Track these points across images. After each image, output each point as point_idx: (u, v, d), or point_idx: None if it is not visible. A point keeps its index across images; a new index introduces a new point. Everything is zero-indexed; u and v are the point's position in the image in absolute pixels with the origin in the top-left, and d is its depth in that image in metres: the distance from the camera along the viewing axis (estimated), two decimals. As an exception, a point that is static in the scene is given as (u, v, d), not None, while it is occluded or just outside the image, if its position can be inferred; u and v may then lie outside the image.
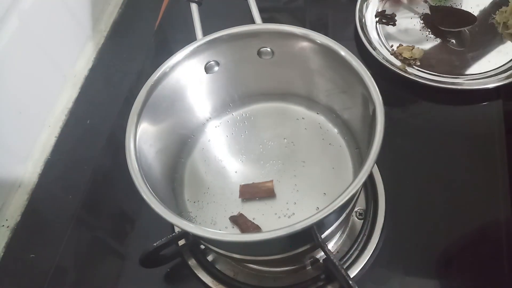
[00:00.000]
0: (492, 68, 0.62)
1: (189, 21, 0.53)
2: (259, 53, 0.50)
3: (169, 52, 0.47)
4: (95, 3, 0.76)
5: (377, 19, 0.70)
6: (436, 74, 0.62)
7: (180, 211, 0.48)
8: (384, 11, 0.71)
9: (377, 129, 0.38)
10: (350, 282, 0.40)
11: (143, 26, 0.79)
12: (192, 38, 0.50)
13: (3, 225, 0.59)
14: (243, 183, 0.50)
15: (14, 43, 0.59)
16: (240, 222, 0.47)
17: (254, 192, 0.49)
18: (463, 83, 0.61)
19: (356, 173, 0.47)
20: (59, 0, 0.68)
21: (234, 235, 0.36)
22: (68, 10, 0.70)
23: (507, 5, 0.66)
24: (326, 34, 0.73)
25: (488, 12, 0.68)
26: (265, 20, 0.49)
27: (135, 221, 0.58)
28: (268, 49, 0.49)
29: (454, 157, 0.57)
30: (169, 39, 0.78)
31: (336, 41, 0.45)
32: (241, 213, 0.48)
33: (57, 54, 0.68)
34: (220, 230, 0.47)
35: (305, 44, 0.47)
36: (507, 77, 0.59)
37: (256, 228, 0.46)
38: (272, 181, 0.49)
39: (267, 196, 0.49)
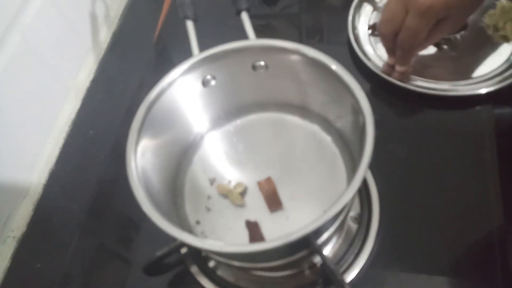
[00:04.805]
0: (483, 73, 0.62)
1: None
2: (254, 67, 0.51)
3: (169, 62, 0.47)
4: (94, 15, 0.78)
5: (370, 31, 0.70)
6: (428, 80, 0.63)
7: (182, 221, 0.50)
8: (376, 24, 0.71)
9: (367, 141, 0.40)
10: (346, 286, 0.42)
11: (143, 37, 0.80)
12: (190, 49, 0.51)
13: (10, 236, 0.60)
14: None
15: (16, 59, 0.60)
16: (253, 230, 0.49)
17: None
18: (456, 89, 0.61)
19: (350, 180, 0.49)
20: (58, 14, 0.69)
21: (231, 246, 0.38)
22: (68, 23, 0.71)
23: (495, 8, 0.65)
24: (320, 40, 0.76)
25: (477, 17, 0.68)
26: (261, 26, 0.50)
27: (140, 228, 0.58)
28: (262, 63, 0.51)
29: (447, 162, 0.57)
30: (169, 49, 0.78)
31: (330, 46, 0.46)
32: (257, 223, 0.49)
33: (59, 67, 0.69)
34: (220, 238, 0.49)
35: (297, 57, 0.48)
36: (499, 82, 0.60)
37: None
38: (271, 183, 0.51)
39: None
